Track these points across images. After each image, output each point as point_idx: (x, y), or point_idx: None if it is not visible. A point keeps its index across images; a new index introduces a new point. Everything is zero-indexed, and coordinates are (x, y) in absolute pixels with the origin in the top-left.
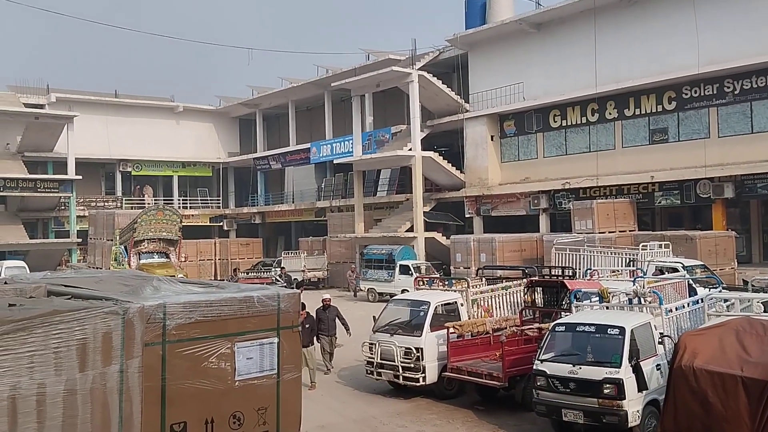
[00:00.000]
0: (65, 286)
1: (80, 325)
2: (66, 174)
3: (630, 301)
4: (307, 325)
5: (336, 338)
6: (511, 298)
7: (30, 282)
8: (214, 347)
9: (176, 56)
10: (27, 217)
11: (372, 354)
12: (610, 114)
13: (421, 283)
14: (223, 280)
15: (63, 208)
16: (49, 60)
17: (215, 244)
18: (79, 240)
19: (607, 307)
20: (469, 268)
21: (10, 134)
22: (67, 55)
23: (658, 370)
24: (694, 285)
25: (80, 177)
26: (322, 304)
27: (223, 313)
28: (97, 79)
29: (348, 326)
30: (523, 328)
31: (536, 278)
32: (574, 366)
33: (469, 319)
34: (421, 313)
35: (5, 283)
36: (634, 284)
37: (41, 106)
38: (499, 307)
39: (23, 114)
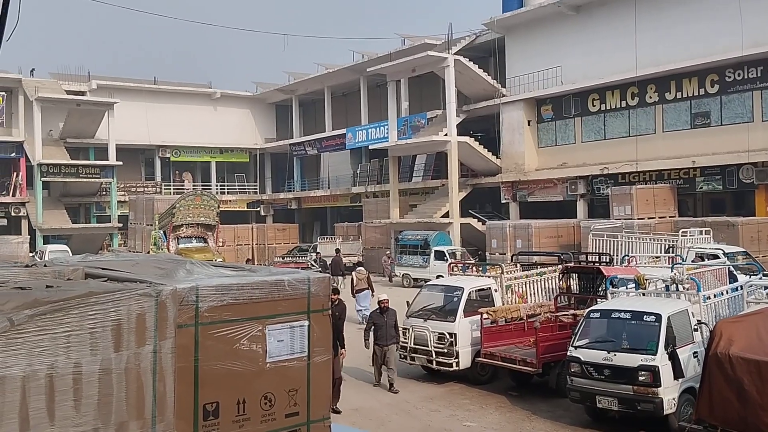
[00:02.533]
0: (102, 269)
1: (115, 306)
2: (107, 160)
3: (667, 287)
4: (337, 313)
5: (398, 347)
6: (546, 284)
7: (68, 264)
8: (245, 329)
9: (213, 43)
10: (69, 202)
11: (405, 339)
12: (650, 98)
13: (455, 268)
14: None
15: (104, 193)
16: (89, 47)
17: (252, 229)
18: (120, 225)
19: (644, 294)
20: (504, 254)
21: (53, 121)
22: (107, 43)
23: (695, 357)
24: (734, 272)
25: (121, 163)
26: (378, 307)
27: (255, 296)
28: (136, 66)
29: (399, 337)
30: (557, 314)
31: (572, 264)
32: (608, 353)
33: (503, 305)
34: (455, 299)
35: (45, 265)
36: (672, 271)
37: (83, 93)
38: (534, 293)
39: (65, 101)
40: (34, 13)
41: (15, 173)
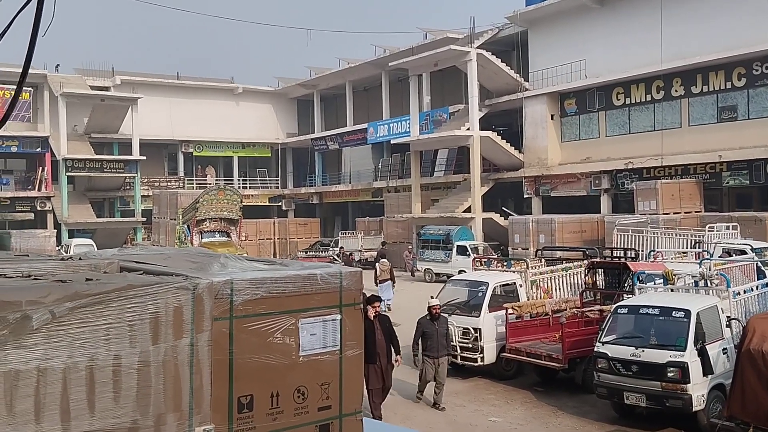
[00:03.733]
0: (136, 262)
1: (153, 299)
2: (131, 155)
3: (696, 283)
4: (387, 324)
5: (449, 360)
6: (571, 279)
7: (103, 258)
8: (279, 323)
9: (235, 38)
10: (94, 196)
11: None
12: (676, 91)
13: (479, 263)
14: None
15: (128, 187)
16: (113, 43)
17: (274, 223)
18: (144, 219)
19: (672, 290)
20: (527, 249)
21: (78, 116)
22: (131, 38)
23: (724, 354)
24: (762, 268)
25: (144, 157)
26: (428, 314)
27: (288, 289)
28: (159, 62)
29: (450, 348)
30: (583, 309)
31: (598, 260)
32: (636, 349)
33: (528, 300)
34: (480, 294)
35: (80, 259)
36: (700, 266)
37: (107, 89)
38: (559, 289)
39: (90, 96)
40: (59, 10)
41: (40, 168)
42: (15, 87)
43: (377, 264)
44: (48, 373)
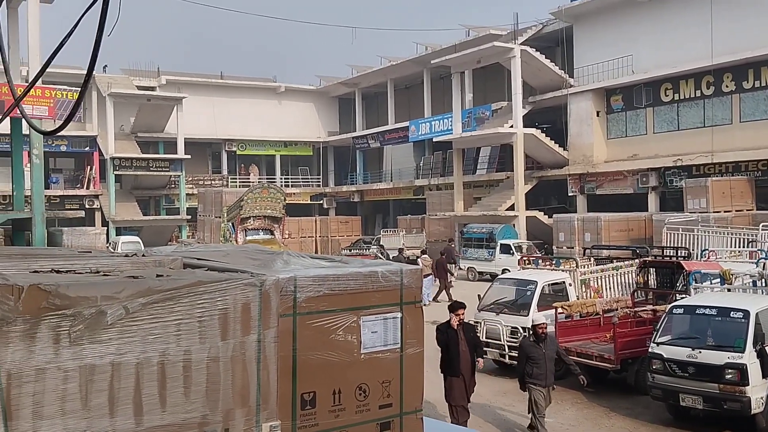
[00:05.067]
0: (198, 259)
1: (222, 295)
2: (176, 153)
3: (754, 283)
4: (471, 333)
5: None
6: (622, 278)
7: (165, 255)
8: (341, 320)
9: (278, 37)
10: (140, 194)
11: (477, 333)
12: (726, 87)
13: (526, 262)
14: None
15: (173, 186)
16: (158, 44)
17: (316, 221)
18: (189, 217)
19: (729, 290)
20: (572, 248)
21: (125, 116)
22: (176, 39)
23: None
24: None
25: (189, 156)
26: (532, 333)
27: (350, 287)
28: (203, 61)
29: (579, 370)
30: (636, 309)
31: (650, 259)
32: (693, 350)
33: (578, 299)
34: (528, 293)
35: (143, 255)
36: (756, 266)
37: (152, 89)
38: (610, 288)
39: (136, 96)
40: (110, 11)
41: (89, 167)
42: (65, 88)
43: (419, 259)
44: (121, 367)
